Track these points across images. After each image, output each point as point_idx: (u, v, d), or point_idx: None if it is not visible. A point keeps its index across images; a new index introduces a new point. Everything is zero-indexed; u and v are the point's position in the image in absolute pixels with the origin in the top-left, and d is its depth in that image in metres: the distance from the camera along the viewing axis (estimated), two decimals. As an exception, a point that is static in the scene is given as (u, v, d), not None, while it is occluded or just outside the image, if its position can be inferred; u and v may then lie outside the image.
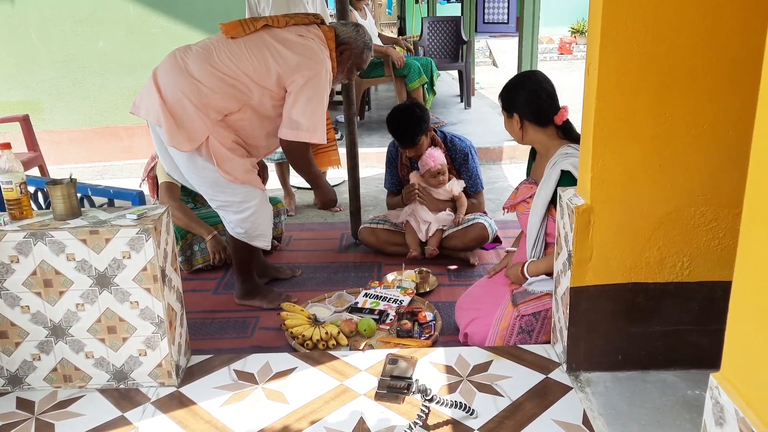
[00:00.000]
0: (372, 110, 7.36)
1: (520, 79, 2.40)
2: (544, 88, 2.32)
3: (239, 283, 2.81)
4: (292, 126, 2.41)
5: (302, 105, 2.36)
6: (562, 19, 13.34)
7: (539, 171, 2.36)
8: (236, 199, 2.56)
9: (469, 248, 3.19)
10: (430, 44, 7.64)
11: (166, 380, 2.06)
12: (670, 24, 1.72)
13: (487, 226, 3.14)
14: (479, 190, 3.33)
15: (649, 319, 1.98)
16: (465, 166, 3.26)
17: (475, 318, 2.41)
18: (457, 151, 3.27)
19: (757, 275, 1.06)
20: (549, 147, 2.32)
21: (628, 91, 1.78)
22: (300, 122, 2.36)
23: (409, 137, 3.12)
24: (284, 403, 1.96)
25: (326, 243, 3.57)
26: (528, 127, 2.32)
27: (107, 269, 1.93)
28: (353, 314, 2.63)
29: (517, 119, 2.32)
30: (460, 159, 3.26)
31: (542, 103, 2.29)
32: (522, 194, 2.42)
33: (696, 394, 1.90)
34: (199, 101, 2.38)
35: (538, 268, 2.28)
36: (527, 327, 2.25)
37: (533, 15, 5.28)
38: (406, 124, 3.12)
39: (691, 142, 1.82)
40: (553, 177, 2.21)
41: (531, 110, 2.30)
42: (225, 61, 2.42)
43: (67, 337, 2.01)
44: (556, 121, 2.29)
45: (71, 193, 1.97)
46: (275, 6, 3.70)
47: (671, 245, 1.91)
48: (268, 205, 2.73)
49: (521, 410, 1.87)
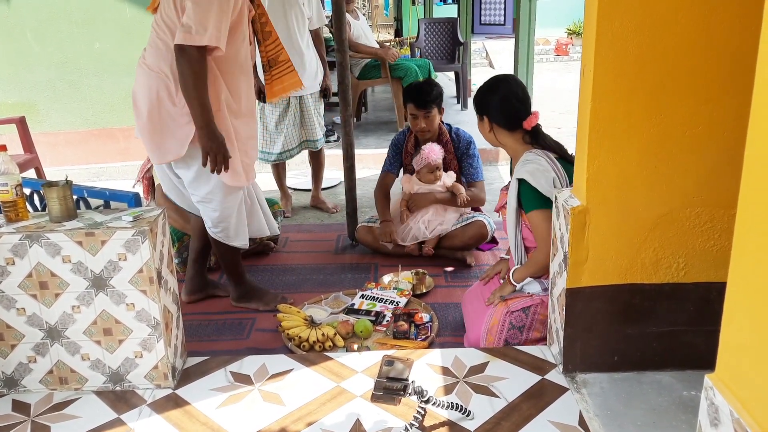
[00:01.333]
0: (368, 112, 7.36)
1: (493, 82, 2.42)
2: (516, 93, 2.34)
3: (233, 286, 2.81)
4: (183, 30, 2.22)
5: (189, 10, 2.21)
6: (559, 21, 13.38)
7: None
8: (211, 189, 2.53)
9: (468, 246, 3.20)
10: (427, 46, 7.65)
11: (162, 382, 2.06)
12: (666, 25, 1.72)
13: (486, 224, 3.16)
14: (480, 178, 3.35)
15: (645, 320, 1.99)
16: (467, 153, 3.32)
17: (469, 319, 2.42)
18: (461, 140, 3.33)
19: (751, 276, 1.06)
20: (516, 152, 2.36)
21: (624, 93, 1.78)
22: (188, 24, 2.19)
23: (426, 93, 3.22)
24: (280, 404, 1.95)
25: (323, 244, 3.58)
26: (497, 130, 2.35)
27: (103, 271, 1.93)
28: (350, 316, 2.63)
29: (487, 122, 2.36)
30: (464, 147, 3.32)
31: (512, 108, 2.32)
32: (501, 200, 2.48)
33: (692, 395, 1.90)
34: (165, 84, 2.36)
35: (522, 274, 2.31)
36: (517, 323, 2.26)
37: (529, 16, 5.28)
38: (426, 87, 3.25)
39: (687, 144, 1.82)
40: (513, 185, 2.27)
41: (501, 114, 2.33)
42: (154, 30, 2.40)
43: (63, 339, 2.00)
44: (524, 126, 2.31)
45: (67, 195, 1.96)
46: (270, 8, 3.70)
47: (667, 246, 1.92)
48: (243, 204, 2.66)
49: (517, 411, 1.88)
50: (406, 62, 5.92)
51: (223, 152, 2.34)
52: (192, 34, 2.19)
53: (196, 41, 2.19)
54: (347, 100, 3.34)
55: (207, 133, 2.31)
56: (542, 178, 2.18)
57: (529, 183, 2.19)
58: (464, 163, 3.33)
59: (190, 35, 2.18)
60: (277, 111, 3.89)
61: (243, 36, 2.42)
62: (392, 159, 3.44)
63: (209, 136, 2.31)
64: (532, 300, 2.26)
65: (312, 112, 3.96)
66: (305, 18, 3.83)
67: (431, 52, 7.63)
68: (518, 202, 2.27)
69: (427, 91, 3.22)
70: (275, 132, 3.93)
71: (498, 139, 2.38)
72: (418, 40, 7.64)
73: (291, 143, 3.96)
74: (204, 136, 2.31)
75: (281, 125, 3.91)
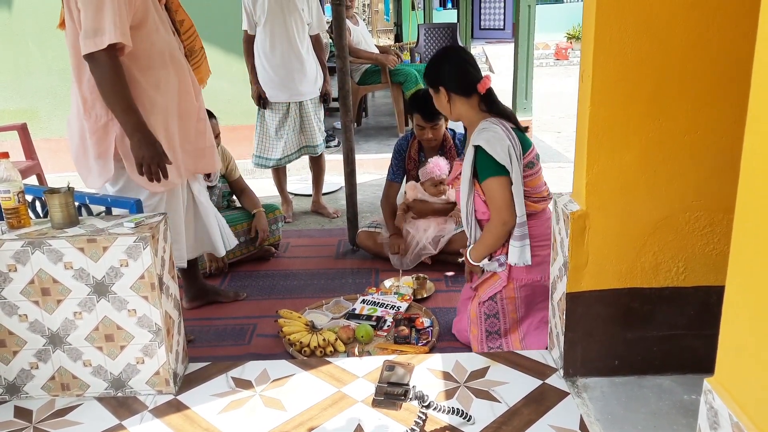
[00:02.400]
0: (369, 117, 7.37)
1: (443, 53, 2.44)
2: (466, 59, 2.37)
3: (185, 287, 2.78)
4: (83, 38, 2.06)
5: (82, 15, 2.07)
6: (559, 25, 13.42)
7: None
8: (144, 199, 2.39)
9: None
10: (427, 51, 7.67)
11: (163, 388, 2.06)
12: (663, 30, 1.73)
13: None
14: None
15: (645, 324, 1.99)
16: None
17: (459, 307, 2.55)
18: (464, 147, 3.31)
19: (750, 279, 1.07)
20: (473, 120, 2.33)
21: (622, 97, 1.79)
22: (86, 30, 2.04)
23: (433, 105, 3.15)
24: (282, 410, 1.96)
25: (324, 249, 3.58)
26: (454, 99, 2.32)
27: (105, 277, 1.93)
28: (351, 321, 2.63)
29: (444, 92, 2.32)
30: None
31: (466, 74, 2.31)
32: (455, 171, 2.48)
33: (692, 398, 1.90)
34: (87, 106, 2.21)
35: (478, 252, 2.32)
36: (490, 311, 2.33)
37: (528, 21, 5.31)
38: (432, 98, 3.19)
39: (686, 148, 1.83)
40: (470, 153, 2.26)
41: (456, 81, 2.30)
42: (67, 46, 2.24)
43: (65, 346, 2.01)
44: (479, 90, 2.29)
45: (69, 202, 1.97)
46: (270, 14, 3.72)
47: (666, 250, 1.92)
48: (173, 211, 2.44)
49: (518, 416, 1.88)
50: (407, 67, 5.94)
51: (158, 160, 2.16)
52: (93, 39, 2.04)
53: (99, 45, 2.04)
54: (348, 105, 3.35)
55: (139, 140, 2.13)
56: (498, 146, 2.17)
57: (486, 151, 2.18)
58: None
59: (92, 40, 2.04)
60: (277, 116, 3.90)
61: (155, 26, 2.24)
62: (395, 167, 3.42)
63: (141, 143, 2.13)
64: (495, 288, 2.32)
65: (312, 118, 3.97)
66: (305, 23, 3.85)
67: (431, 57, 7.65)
68: (473, 171, 2.27)
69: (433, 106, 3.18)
70: (275, 137, 3.94)
71: (455, 110, 2.35)
72: (418, 45, 7.66)
73: (291, 148, 3.98)
74: (136, 145, 2.14)
75: (281, 131, 3.92)
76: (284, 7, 3.74)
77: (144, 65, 2.22)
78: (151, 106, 2.24)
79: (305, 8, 3.83)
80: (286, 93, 3.86)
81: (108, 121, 2.20)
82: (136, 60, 2.19)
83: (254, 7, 3.75)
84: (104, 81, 2.09)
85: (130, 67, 2.17)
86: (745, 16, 1.70)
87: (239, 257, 3.29)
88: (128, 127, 2.13)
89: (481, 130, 2.25)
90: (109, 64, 2.07)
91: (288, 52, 3.80)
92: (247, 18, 3.80)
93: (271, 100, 3.88)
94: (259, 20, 3.77)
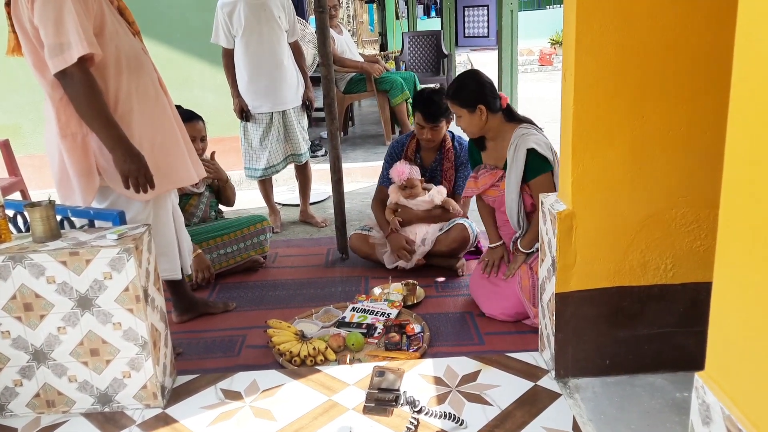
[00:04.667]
0: (355, 125, 7.37)
1: (470, 75, 2.66)
2: (489, 80, 2.63)
3: (174, 300, 2.74)
4: (50, 55, 1.97)
5: (42, 32, 1.97)
6: (542, 31, 13.53)
7: (495, 155, 2.66)
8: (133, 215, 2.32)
9: (453, 252, 3.18)
10: (412, 59, 7.69)
11: (151, 402, 2.03)
12: (644, 28, 1.74)
13: (467, 226, 3.15)
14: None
15: (635, 322, 1.98)
16: (466, 164, 3.30)
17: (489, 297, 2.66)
18: (462, 150, 3.31)
19: (736, 273, 1.06)
20: (502, 131, 2.60)
21: (605, 96, 1.80)
22: (51, 46, 1.95)
23: (437, 106, 3.18)
24: (272, 420, 1.93)
25: (312, 259, 3.56)
26: (490, 116, 2.57)
27: (88, 291, 1.90)
28: (341, 329, 2.61)
29: (483, 110, 2.54)
30: (464, 158, 3.30)
31: (495, 91, 2.59)
32: (488, 180, 2.66)
33: (684, 396, 1.90)
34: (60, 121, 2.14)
35: (529, 240, 2.56)
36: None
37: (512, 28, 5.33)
38: (437, 98, 3.20)
39: (669, 145, 1.83)
40: (520, 157, 2.48)
41: (492, 99, 2.56)
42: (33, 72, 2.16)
43: (49, 362, 1.97)
44: (502, 105, 2.59)
45: (50, 215, 1.94)
46: (247, 25, 3.71)
47: (654, 248, 1.92)
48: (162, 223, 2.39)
49: (511, 419, 1.86)
50: (392, 75, 5.95)
51: (144, 172, 2.11)
52: (61, 55, 1.95)
53: (68, 60, 1.95)
54: (333, 114, 3.34)
55: (122, 154, 2.07)
56: (544, 146, 2.47)
57: (537, 151, 2.44)
58: (460, 174, 3.31)
59: (59, 57, 1.95)
60: (260, 127, 3.88)
61: (114, 30, 2.15)
62: (386, 172, 3.39)
63: (125, 156, 2.07)
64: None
65: (295, 126, 3.96)
66: (283, 31, 3.84)
67: (416, 65, 7.68)
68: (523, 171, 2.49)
69: (438, 104, 3.17)
70: (260, 148, 3.92)
71: (489, 124, 2.58)
72: (402, 54, 7.69)
73: (276, 158, 3.96)
74: (120, 159, 2.07)
75: (265, 141, 3.90)
76: (261, 17, 3.73)
77: (114, 73, 2.15)
78: (130, 115, 2.18)
79: (282, 16, 3.82)
80: (269, 103, 3.85)
81: (85, 136, 2.15)
82: (104, 69, 2.12)
83: (230, 20, 3.74)
84: (79, 97, 2.01)
85: (100, 77, 2.10)
86: (724, 12, 1.71)
87: (226, 267, 3.26)
88: (109, 142, 2.07)
89: (524, 135, 2.50)
90: (82, 78, 1.99)
91: (268, 61, 3.79)
92: (223, 32, 3.78)
93: (254, 111, 3.86)
94: (237, 33, 3.75)
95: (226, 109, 3.72)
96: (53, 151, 2.22)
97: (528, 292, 2.51)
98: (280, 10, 3.81)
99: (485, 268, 2.76)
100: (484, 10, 14.96)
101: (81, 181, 2.18)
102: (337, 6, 5.72)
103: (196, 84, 5.13)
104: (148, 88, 2.25)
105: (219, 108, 5.02)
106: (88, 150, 2.16)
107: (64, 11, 1.96)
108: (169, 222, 2.44)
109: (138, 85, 2.21)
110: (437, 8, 15.52)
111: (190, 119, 3.22)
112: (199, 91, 5.13)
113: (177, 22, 5.05)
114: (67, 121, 2.13)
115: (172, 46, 5.02)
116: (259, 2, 3.72)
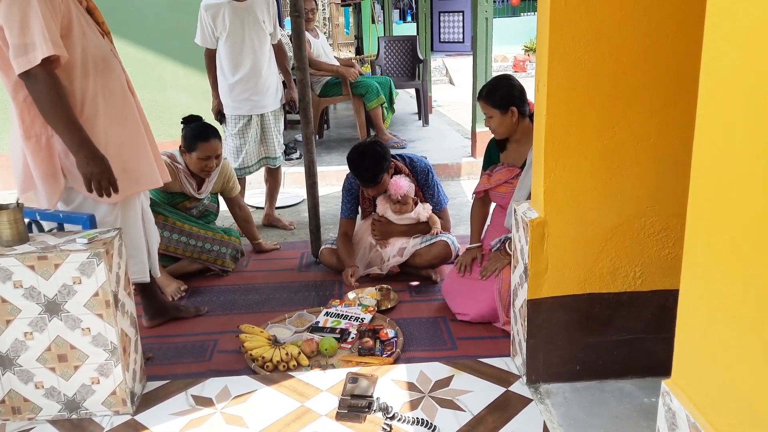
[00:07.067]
0: (331, 129, 7.36)
1: (505, 78, 2.75)
2: (521, 85, 2.73)
3: (144, 304, 2.70)
4: (14, 56, 1.94)
5: (7, 32, 1.95)
6: (516, 38, 13.68)
7: (515, 155, 2.74)
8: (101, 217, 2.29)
9: (432, 266, 3.19)
10: (387, 63, 7.71)
11: (120, 408, 2.00)
12: (615, 40, 1.78)
13: (450, 243, 3.15)
14: (444, 207, 3.33)
15: (605, 328, 2.02)
16: (427, 183, 3.26)
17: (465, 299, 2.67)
18: (418, 171, 3.26)
19: (702, 282, 1.09)
20: (527, 134, 2.66)
21: (577, 107, 1.83)
22: (16, 46, 1.93)
23: (371, 176, 3.08)
24: (243, 427, 1.92)
25: (286, 263, 3.54)
26: (521, 118, 2.67)
27: (57, 296, 1.87)
28: (314, 334, 2.60)
29: (513, 112, 2.64)
30: (422, 178, 3.26)
31: (524, 96, 2.69)
32: (503, 176, 2.74)
33: (652, 401, 1.93)
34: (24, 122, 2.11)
35: None
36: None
37: (486, 34, 5.39)
38: (368, 164, 3.07)
39: (639, 155, 1.87)
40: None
41: (523, 102, 2.66)
42: None
43: (15, 368, 1.93)
44: (531, 109, 2.64)
45: (18, 218, 1.91)
46: (232, 29, 3.69)
47: (623, 255, 1.96)
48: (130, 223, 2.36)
49: (483, 424, 1.88)
50: (368, 79, 5.96)
51: (107, 176, 2.09)
52: (25, 56, 1.93)
53: (32, 61, 1.93)
54: (308, 117, 3.33)
55: (86, 157, 2.04)
56: None
57: None
58: (426, 194, 3.26)
59: (24, 58, 1.93)
60: (236, 127, 3.86)
61: (82, 31, 2.12)
62: (348, 203, 3.32)
63: (88, 158, 2.05)
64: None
65: (272, 130, 3.95)
66: (267, 35, 3.83)
67: (392, 70, 7.69)
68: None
69: (371, 175, 3.07)
70: (235, 149, 3.90)
71: (519, 126, 2.67)
72: (378, 58, 7.70)
73: (250, 160, 3.94)
74: (83, 162, 2.05)
75: (242, 141, 3.89)
76: (245, 20, 3.71)
77: (80, 74, 2.12)
78: (96, 118, 2.15)
79: (266, 19, 3.81)
80: (248, 106, 3.83)
81: (49, 138, 2.11)
82: (70, 70, 2.09)
83: (215, 23, 3.71)
84: (43, 98, 1.98)
85: (66, 78, 2.07)
86: (694, 26, 1.75)
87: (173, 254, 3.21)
88: (72, 145, 2.04)
89: None
90: (46, 80, 1.97)
91: (250, 65, 3.77)
92: (206, 34, 3.76)
93: (233, 113, 3.84)
94: (221, 35, 3.73)
95: (200, 110, 3.68)
96: (17, 152, 2.18)
97: (505, 298, 2.53)
98: (264, 14, 3.79)
99: (459, 268, 2.79)
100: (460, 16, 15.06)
101: (46, 183, 2.14)
102: (314, 9, 5.70)
103: (170, 85, 5.07)
104: (115, 90, 2.22)
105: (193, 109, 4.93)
106: (53, 152, 2.13)
107: (30, 12, 1.93)
108: (137, 224, 2.40)
109: (105, 87, 2.19)
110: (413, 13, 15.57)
111: (206, 138, 3.15)
112: (173, 92, 5.07)
113: (151, 23, 4.99)
114: (31, 123, 2.10)
115: (145, 46, 4.96)
116: (243, 6, 3.70)
